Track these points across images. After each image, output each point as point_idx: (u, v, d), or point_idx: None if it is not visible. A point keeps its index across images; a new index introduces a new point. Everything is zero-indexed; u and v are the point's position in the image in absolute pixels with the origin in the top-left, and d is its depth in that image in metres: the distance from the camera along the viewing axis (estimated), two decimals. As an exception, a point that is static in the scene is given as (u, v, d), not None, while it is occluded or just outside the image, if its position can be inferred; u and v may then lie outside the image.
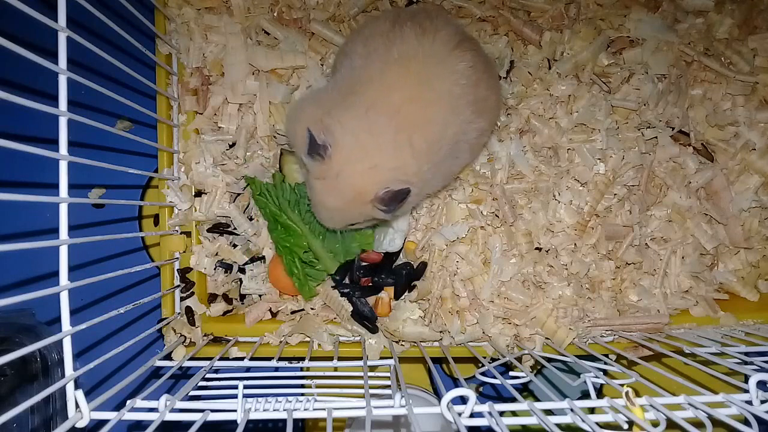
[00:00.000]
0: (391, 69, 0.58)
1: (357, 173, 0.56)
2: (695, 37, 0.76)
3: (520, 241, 0.69)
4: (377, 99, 0.57)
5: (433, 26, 0.60)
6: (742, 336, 0.65)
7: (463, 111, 0.60)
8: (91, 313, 0.72)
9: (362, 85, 0.58)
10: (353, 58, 0.62)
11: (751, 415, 0.42)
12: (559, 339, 0.68)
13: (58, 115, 0.45)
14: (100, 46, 0.53)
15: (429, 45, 0.59)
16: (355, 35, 0.65)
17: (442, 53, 0.59)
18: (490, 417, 0.44)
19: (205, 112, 0.73)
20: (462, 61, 0.59)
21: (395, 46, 0.59)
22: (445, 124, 0.59)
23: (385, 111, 0.56)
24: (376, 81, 0.58)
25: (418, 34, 0.59)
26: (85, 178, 0.83)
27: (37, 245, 0.42)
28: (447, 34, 0.60)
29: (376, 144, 0.56)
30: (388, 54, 0.58)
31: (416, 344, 0.70)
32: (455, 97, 0.59)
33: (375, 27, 0.62)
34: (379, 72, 0.58)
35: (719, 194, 0.75)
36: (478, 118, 0.62)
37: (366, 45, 0.61)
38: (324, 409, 0.46)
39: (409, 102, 0.57)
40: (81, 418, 0.43)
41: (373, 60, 0.59)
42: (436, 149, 0.59)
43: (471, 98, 0.60)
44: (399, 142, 0.56)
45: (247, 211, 0.75)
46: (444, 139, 0.60)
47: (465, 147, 0.65)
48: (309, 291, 0.71)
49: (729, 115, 0.75)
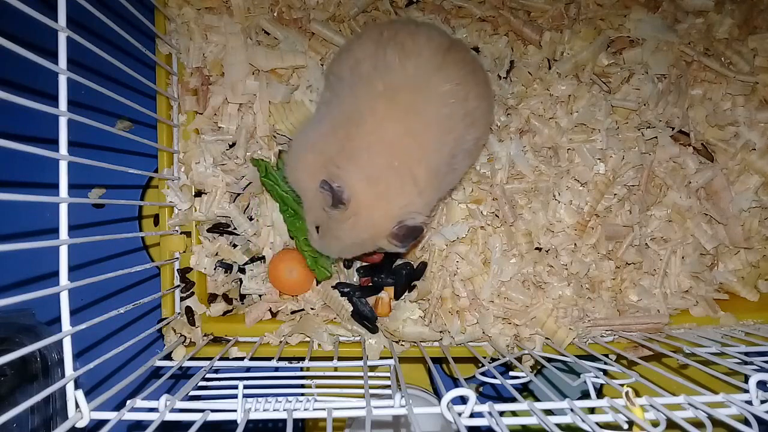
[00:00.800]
0: (379, 103, 0.58)
1: (373, 214, 0.58)
2: (695, 37, 0.76)
3: (520, 241, 0.69)
4: (372, 140, 0.58)
5: (416, 47, 0.59)
6: (742, 336, 0.65)
7: (455, 128, 0.60)
8: (91, 313, 0.72)
9: (355, 125, 0.59)
10: (341, 87, 0.62)
11: (751, 415, 0.42)
12: (559, 339, 0.68)
13: (58, 115, 0.45)
14: (100, 46, 0.52)
15: (412, 70, 0.58)
16: (343, 56, 0.65)
17: (426, 77, 0.59)
18: (490, 417, 0.44)
19: (205, 112, 0.73)
20: (447, 82, 0.59)
21: (380, 75, 0.59)
22: (440, 146, 0.60)
23: (382, 150, 0.58)
24: (366, 119, 0.58)
25: (401, 58, 0.59)
26: (85, 178, 0.83)
27: (37, 245, 0.42)
28: (430, 53, 0.59)
29: (385, 185, 0.57)
30: (374, 86, 0.59)
31: (416, 344, 0.70)
32: (445, 117, 0.59)
33: (360, 50, 0.62)
34: (367, 108, 0.59)
35: (719, 194, 0.75)
36: (472, 128, 0.62)
37: (352, 72, 0.61)
38: (324, 409, 0.46)
39: (401, 135, 0.58)
40: (81, 418, 0.43)
41: (361, 92, 0.60)
42: (437, 173, 0.60)
43: (462, 113, 0.60)
44: (402, 177, 0.57)
45: (247, 211, 0.75)
46: (441, 160, 0.61)
47: (463, 155, 0.65)
48: (322, 272, 0.71)
49: (729, 115, 0.75)
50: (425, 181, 0.59)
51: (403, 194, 0.58)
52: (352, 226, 0.59)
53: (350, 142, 0.58)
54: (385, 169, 0.57)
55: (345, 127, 0.59)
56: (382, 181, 0.57)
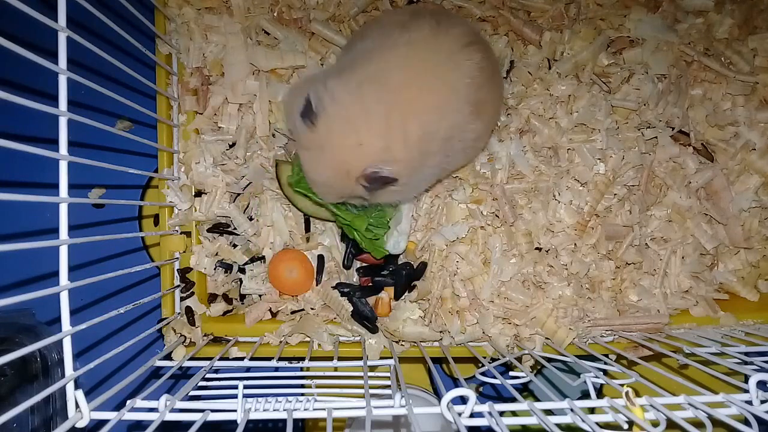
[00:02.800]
0: (399, 50, 0.57)
1: (343, 148, 0.54)
2: (695, 37, 0.76)
3: (520, 241, 0.69)
4: (375, 74, 0.55)
5: (450, 23, 0.60)
6: (742, 336, 0.65)
7: (462, 109, 0.60)
8: (91, 313, 0.72)
9: (364, 60, 0.57)
10: (365, 41, 0.61)
11: (751, 415, 0.42)
12: (559, 339, 0.68)
13: (58, 115, 0.45)
14: (100, 46, 0.52)
15: (442, 36, 0.59)
16: (373, 22, 0.65)
17: (452, 47, 0.59)
18: (490, 417, 0.44)
19: (205, 112, 0.73)
20: (470, 59, 0.59)
21: (409, 32, 0.58)
22: (441, 115, 0.58)
23: (380, 88, 0.55)
24: (379, 57, 0.57)
25: (433, 26, 0.59)
26: (85, 178, 0.83)
27: (37, 245, 0.42)
28: (461, 32, 0.60)
29: (366, 120, 0.53)
30: (400, 37, 0.58)
31: (416, 344, 0.70)
32: (456, 92, 0.59)
33: (394, 16, 0.62)
34: (386, 50, 0.57)
35: (719, 194, 0.75)
36: (476, 120, 0.62)
37: (381, 29, 0.61)
38: (324, 409, 0.46)
39: (409, 85, 0.55)
40: (81, 418, 0.43)
41: (384, 41, 0.59)
42: (429, 140, 0.57)
43: (472, 98, 0.60)
44: (391, 122, 0.54)
45: (247, 211, 0.75)
46: (439, 131, 0.58)
47: (459, 147, 0.64)
48: (379, 251, 0.69)
49: (729, 115, 0.75)
50: (415, 140, 0.55)
51: (384, 137, 0.54)
52: (320, 158, 0.55)
53: (350, 70, 0.56)
54: (374, 106, 0.53)
55: (354, 60, 0.58)
56: (364, 116, 0.53)
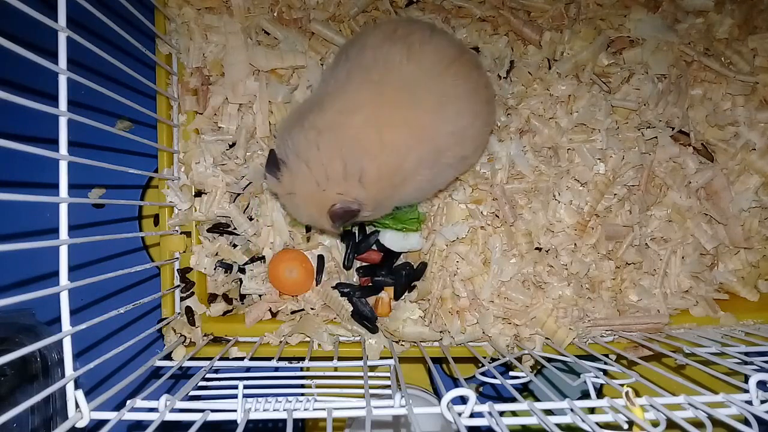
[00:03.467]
0: (363, 88, 0.57)
1: (307, 193, 0.58)
2: (695, 37, 0.76)
3: (520, 241, 0.69)
4: (336, 121, 0.56)
5: (422, 52, 0.58)
6: (742, 336, 0.65)
7: (435, 140, 0.58)
8: (91, 313, 0.72)
9: (332, 98, 0.57)
10: (338, 68, 0.61)
11: (751, 415, 0.42)
12: (559, 339, 0.68)
13: (58, 115, 0.45)
14: (100, 46, 0.52)
15: (410, 72, 0.57)
16: (354, 41, 0.64)
17: (420, 82, 0.57)
18: (490, 417, 0.44)
19: (205, 112, 0.73)
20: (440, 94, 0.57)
21: (378, 66, 0.57)
22: (405, 152, 0.57)
23: (340, 136, 0.56)
24: (342, 99, 0.57)
25: (403, 57, 0.57)
26: (85, 178, 0.83)
27: (37, 245, 0.42)
28: (433, 61, 0.58)
29: (323, 170, 0.56)
30: (369, 74, 0.57)
31: (416, 344, 0.70)
32: (426, 127, 0.57)
33: (370, 38, 0.60)
34: (352, 90, 0.57)
35: (719, 194, 0.75)
36: (457, 146, 0.61)
37: (356, 56, 0.60)
38: (324, 409, 0.46)
39: (368, 127, 0.55)
40: (81, 418, 0.43)
41: (353, 75, 0.58)
42: (390, 178, 0.58)
43: (449, 129, 0.59)
44: (348, 169, 0.56)
45: (247, 211, 0.75)
46: (403, 167, 0.58)
47: (444, 167, 0.63)
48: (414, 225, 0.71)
49: (729, 115, 0.75)
50: (372, 180, 0.56)
51: (341, 186, 0.56)
52: (292, 202, 0.60)
53: (312, 116, 0.57)
54: (331, 157, 0.55)
55: (320, 101, 0.58)
56: (321, 168, 0.56)
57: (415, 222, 0.71)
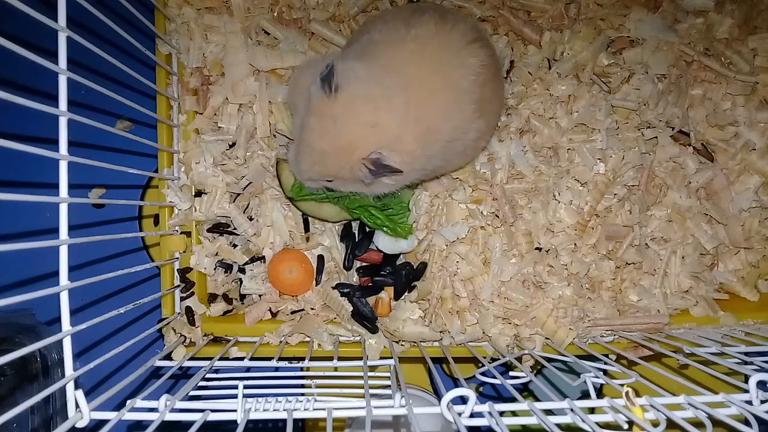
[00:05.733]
0: (407, 46, 0.58)
1: (357, 125, 0.54)
2: (695, 37, 0.76)
3: (520, 241, 0.69)
4: (392, 66, 0.57)
5: (453, 18, 0.60)
6: (742, 336, 0.65)
7: (466, 107, 0.60)
8: (91, 313, 0.72)
9: (378, 51, 0.58)
10: (371, 33, 0.61)
11: (751, 415, 0.42)
12: (559, 339, 0.68)
13: (58, 115, 0.45)
14: (100, 46, 0.52)
15: (446, 33, 0.59)
16: (376, 17, 0.65)
17: (456, 44, 0.59)
18: (490, 417, 0.44)
19: (205, 112, 0.73)
20: (474, 57, 0.59)
21: (414, 28, 0.58)
22: (446, 115, 0.59)
23: (398, 79, 0.56)
24: (391, 51, 0.58)
25: (437, 22, 0.59)
26: (85, 178, 0.83)
27: (37, 245, 0.42)
28: (465, 29, 0.60)
29: (386, 105, 0.54)
30: (406, 33, 0.58)
31: (416, 344, 0.70)
32: (461, 90, 0.59)
33: (396, 12, 0.62)
34: (395, 45, 0.58)
35: (719, 194, 0.75)
36: (479, 119, 0.62)
37: (385, 23, 0.61)
38: (324, 409, 0.46)
39: (418, 82, 0.56)
40: (81, 418, 0.43)
41: (391, 35, 0.59)
42: (433, 138, 0.58)
43: (476, 96, 0.60)
44: (407, 113, 0.55)
45: (247, 211, 0.75)
46: (442, 131, 0.59)
47: (459, 149, 0.64)
48: (405, 230, 0.70)
49: (729, 115, 0.75)
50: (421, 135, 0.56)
51: (399, 126, 0.55)
52: (329, 128, 0.54)
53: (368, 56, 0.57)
54: (394, 93, 0.54)
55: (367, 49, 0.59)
56: (384, 100, 0.54)
57: (405, 227, 0.71)
